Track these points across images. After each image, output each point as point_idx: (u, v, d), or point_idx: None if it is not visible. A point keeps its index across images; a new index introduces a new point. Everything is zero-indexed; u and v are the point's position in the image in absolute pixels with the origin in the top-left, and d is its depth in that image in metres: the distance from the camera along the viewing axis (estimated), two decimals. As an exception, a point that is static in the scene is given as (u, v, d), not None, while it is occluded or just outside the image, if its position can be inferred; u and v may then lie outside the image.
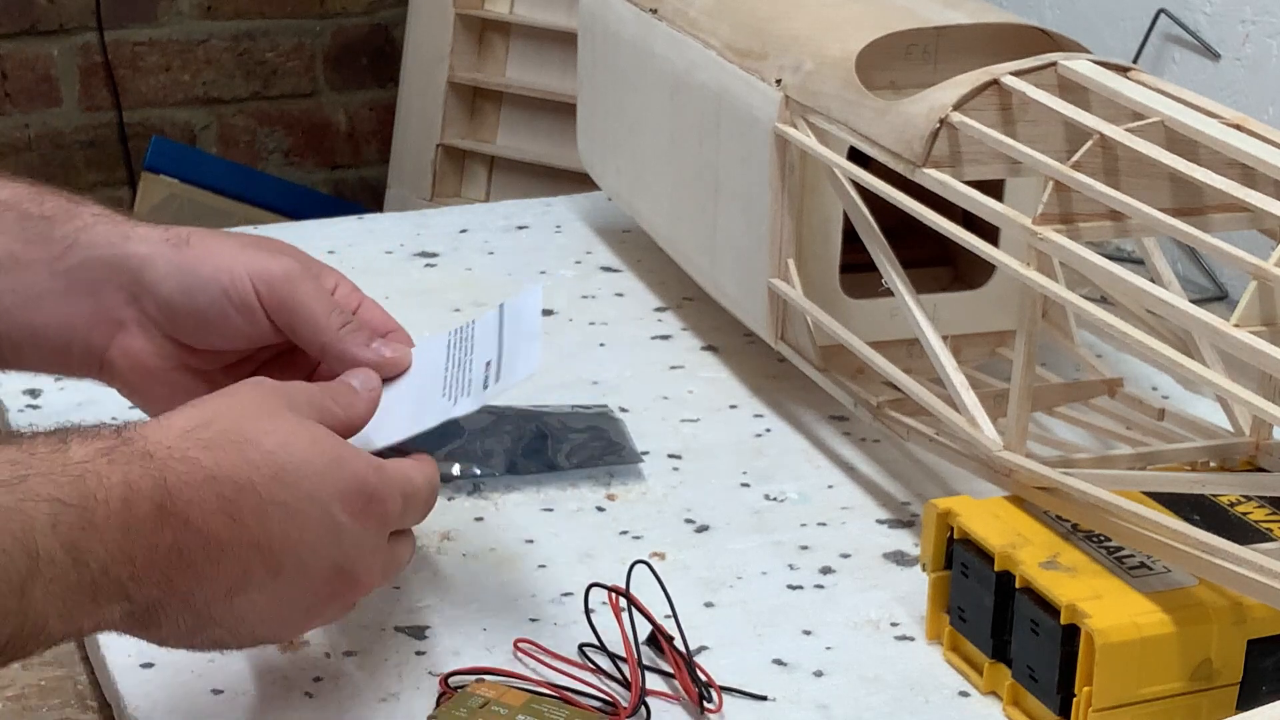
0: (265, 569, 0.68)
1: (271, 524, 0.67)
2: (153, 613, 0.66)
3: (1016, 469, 0.79)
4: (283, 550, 0.68)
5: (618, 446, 0.96)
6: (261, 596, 0.68)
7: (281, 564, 0.68)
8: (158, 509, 0.65)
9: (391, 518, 0.72)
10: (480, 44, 2.31)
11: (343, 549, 0.70)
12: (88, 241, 0.79)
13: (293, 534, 0.68)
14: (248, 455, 0.68)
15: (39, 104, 2.54)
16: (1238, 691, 0.72)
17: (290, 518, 0.68)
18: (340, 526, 0.69)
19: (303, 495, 0.68)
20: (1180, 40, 1.30)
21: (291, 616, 0.71)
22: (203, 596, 0.67)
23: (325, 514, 0.69)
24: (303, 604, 0.70)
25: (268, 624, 0.70)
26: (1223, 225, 0.79)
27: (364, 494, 0.70)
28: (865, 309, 0.98)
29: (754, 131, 0.99)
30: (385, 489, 0.71)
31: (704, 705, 0.74)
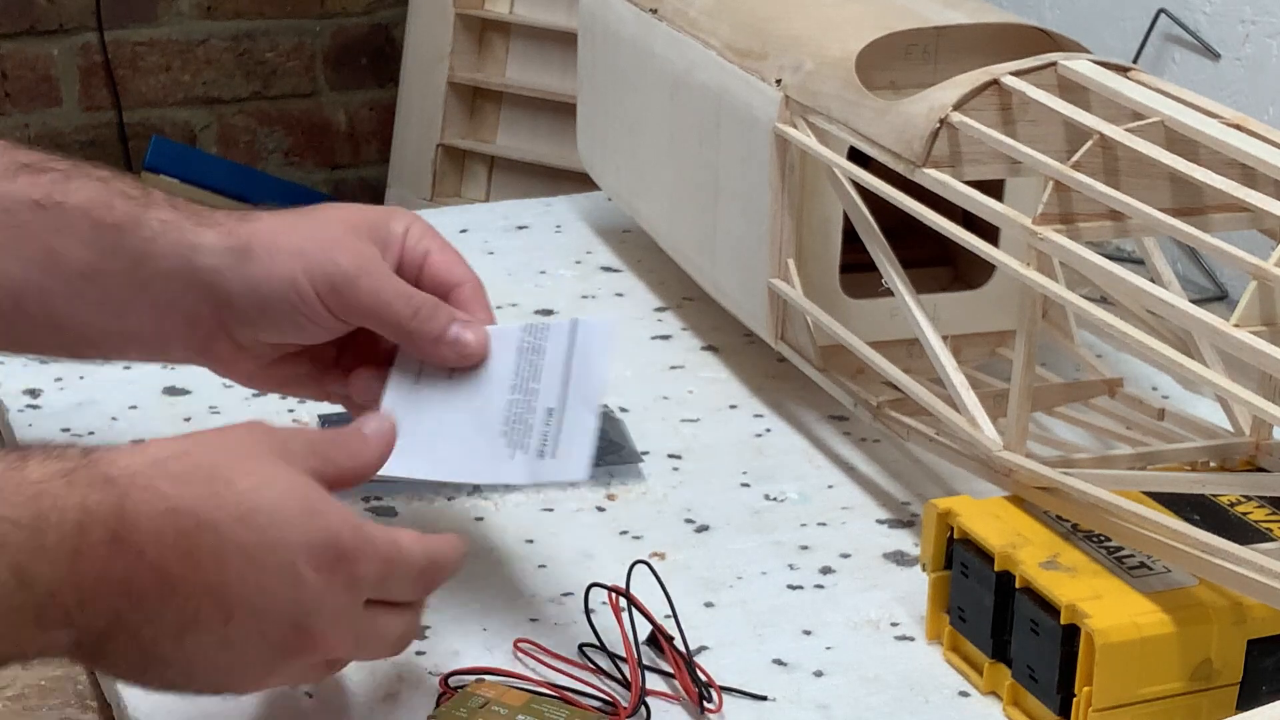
0: (217, 613, 0.65)
1: (228, 567, 0.65)
2: (100, 644, 0.64)
3: (1016, 469, 0.79)
4: (238, 596, 0.65)
5: (618, 446, 0.96)
6: (212, 641, 0.65)
7: (233, 610, 0.65)
8: (111, 536, 0.63)
9: (363, 583, 0.68)
10: (480, 44, 2.31)
11: (301, 605, 0.66)
12: (157, 253, 0.79)
13: (250, 579, 0.65)
14: (216, 491, 0.65)
15: (39, 104, 2.54)
16: (1238, 691, 0.72)
17: (248, 562, 0.65)
18: (301, 580, 0.66)
19: (267, 542, 0.65)
20: (1180, 40, 1.30)
21: (244, 668, 0.67)
22: (150, 634, 0.64)
23: (287, 565, 0.66)
24: (256, 656, 0.67)
25: (220, 671, 0.67)
26: (1223, 225, 0.79)
27: (333, 550, 0.67)
28: (865, 309, 0.98)
29: (754, 131, 0.99)
30: (361, 550, 0.68)
31: (704, 705, 0.74)
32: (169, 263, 0.79)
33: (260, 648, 0.66)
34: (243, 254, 0.79)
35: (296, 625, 0.66)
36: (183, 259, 0.79)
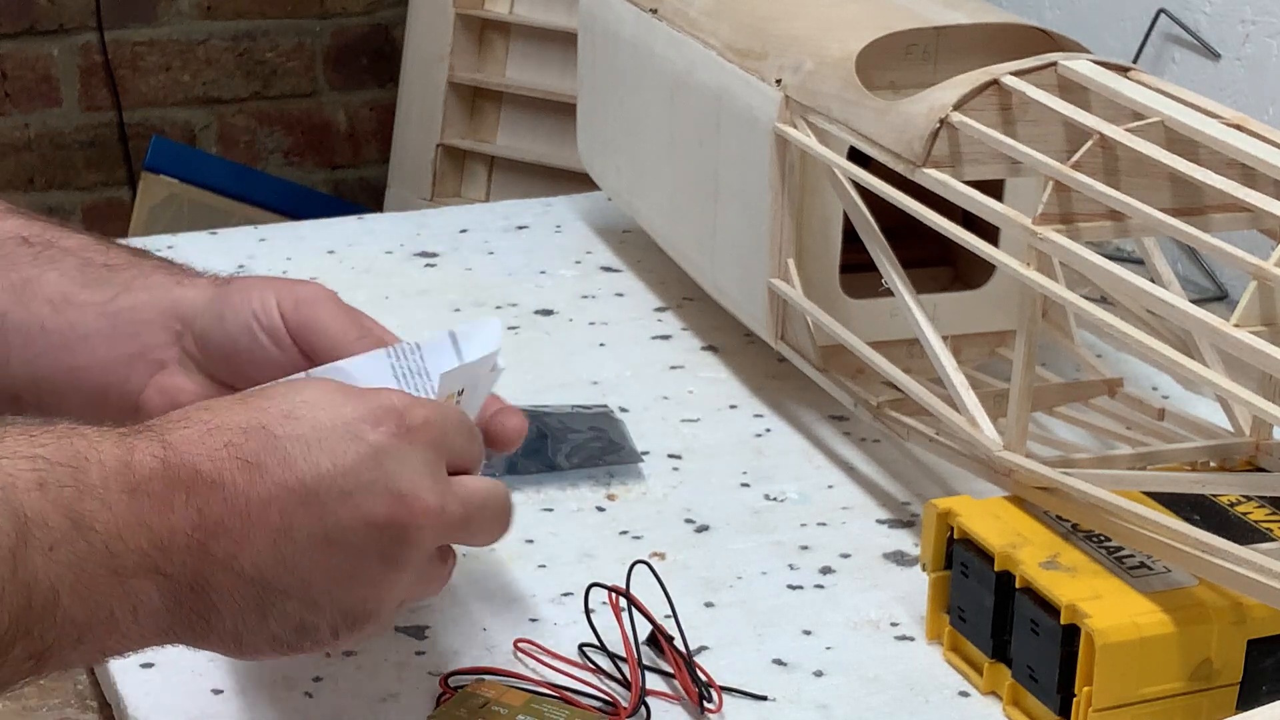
0: (306, 510, 0.61)
1: (295, 460, 0.61)
2: (201, 591, 0.60)
3: (1016, 469, 0.79)
4: (317, 483, 0.61)
5: (618, 446, 0.96)
6: (314, 545, 0.61)
7: (323, 501, 0.61)
8: (161, 464, 0.60)
9: (431, 432, 0.64)
10: (480, 44, 2.31)
11: (386, 469, 0.62)
12: (141, 285, 0.78)
13: (323, 464, 0.62)
14: (254, 403, 0.63)
15: (39, 104, 2.54)
16: (1238, 691, 0.72)
17: (314, 449, 0.62)
18: (377, 446, 0.63)
19: (323, 424, 0.62)
20: (1180, 40, 1.30)
21: (363, 567, 0.63)
22: (250, 559, 0.61)
23: (355, 437, 0.62)
24: (368, 548, 0.63)
25: (340, 583, 0.62)
26: (1223, 225, 0.79)
27: (394, 410, 0.64)
28: (865, 309, 0.98)
29: (754, 131, 0.99)
30: (417, 404, 0.65)
31: (704, 705, 0.74)
32: (148, 293, 0.78)
33: (366, 534, 0.63)
34: (222, 284, 0.78)
35: (390, 490, 0.63)
36: (164, 289, 0.78)
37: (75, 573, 0.58)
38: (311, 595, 0.63)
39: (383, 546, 0.63)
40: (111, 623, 0.59)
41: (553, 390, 1.04)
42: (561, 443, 0.95)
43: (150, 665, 0.77)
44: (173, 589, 0.60)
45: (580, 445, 0.95)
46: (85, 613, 0.58)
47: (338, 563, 0.62)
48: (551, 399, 1.02)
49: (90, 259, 0.79)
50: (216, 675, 0.76)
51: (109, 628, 0.60)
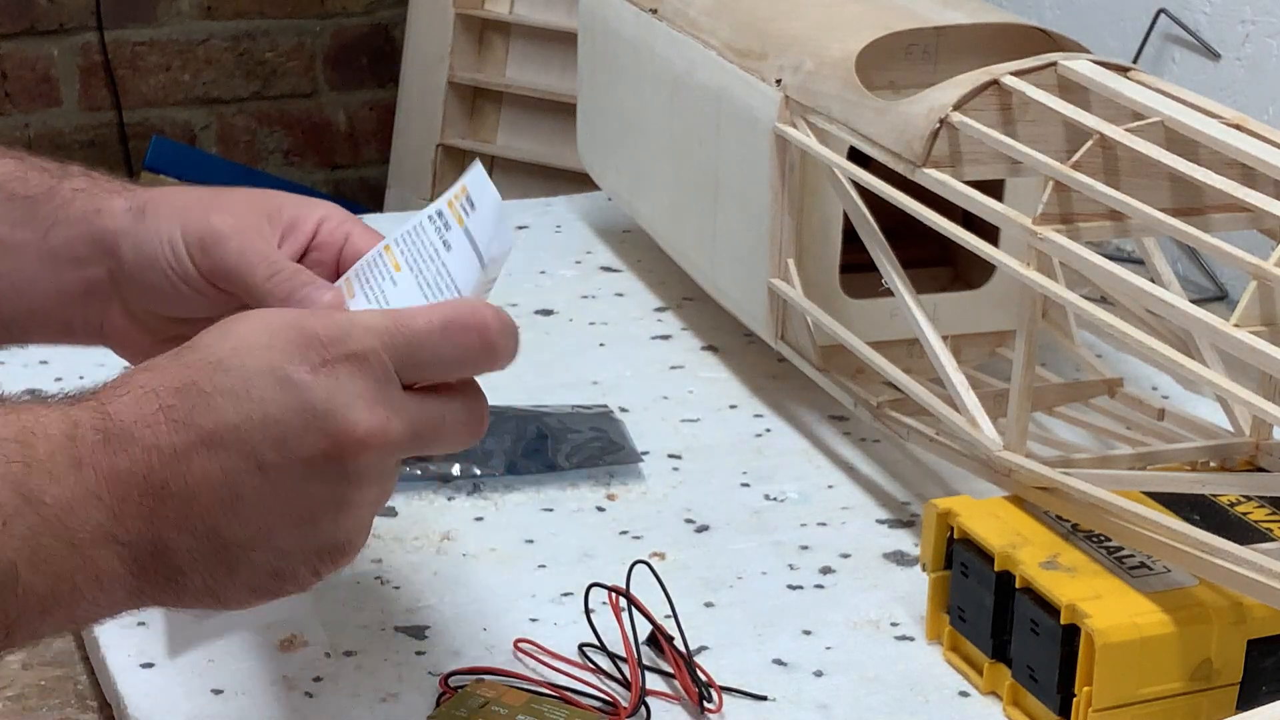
0: (245, 461, 0.61)
1: (225, 412, 0.61)
2: (162, 554, 0.60)
3: (1016, 469, 0.79)
4: (250, 434, 0.61)
5: (618, 446, 0.96)
6: (262, 494, 0.61)
7: (257, 449, 0.61)
8: (103, 437, 0.60)
9: (368, 359, 0.63)
10: (480, 44, 2.31)
11: (314, 407, 0.61)
12: (65, 219, 0.77)
13: (254, 414, 0.61)
14: (183, 358, 0.62)
15: (39, 104, 2.54)
16: (1238, 691, 0.72)
17: (242, 399, 0.61)
18: (302, 385, 0.61)
19: (249, 372, 0.61)
20: (1180, 40, 1.30)
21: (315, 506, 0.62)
22: (201, 518, 0.61)
23: (279, 380, 0.61)
24: (314, 486, 0.62)
25: (299, 525, 0.62)
26: (1223, 225, 0.79)
27: (317, 341, 0.62)
28: (865, 309, 0.98)
29: (754, 131, 0.99)
30: (345, 333, 0.63)
31: (704, 705, 0.74)
32: (76, 228, 0.77)
33: (308, 474, 0.62)
34: (139, 214, 0.76)
35: (324, 429, 0.61)
36: (88, 222, 0.77)
37: (31, 546, 0.58)
38: (275, 543, 0.62)
39: (329, 482, 0.62)
40: (76, 593, 0.60)
41: (553, 390, 1.04)
42: (561, 443, 0.95)
43: (150, 665, 0.77)
44: (133, 555, 0.60)
45: (580, 445, 0.95)
46: (46, 585, 0.58)
47: (290, 506, 0.62)
48: (551, 399, 1.02)
49: (13, 191, 0.78)
50: (216, 675, 0.76)
51: (75, 597, 0.60)
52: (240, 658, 0.77)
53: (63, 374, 1.03)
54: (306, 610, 0.81)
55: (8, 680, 0.79)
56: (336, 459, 0.62)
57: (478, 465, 0.93)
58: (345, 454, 0.62)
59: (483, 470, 0.93)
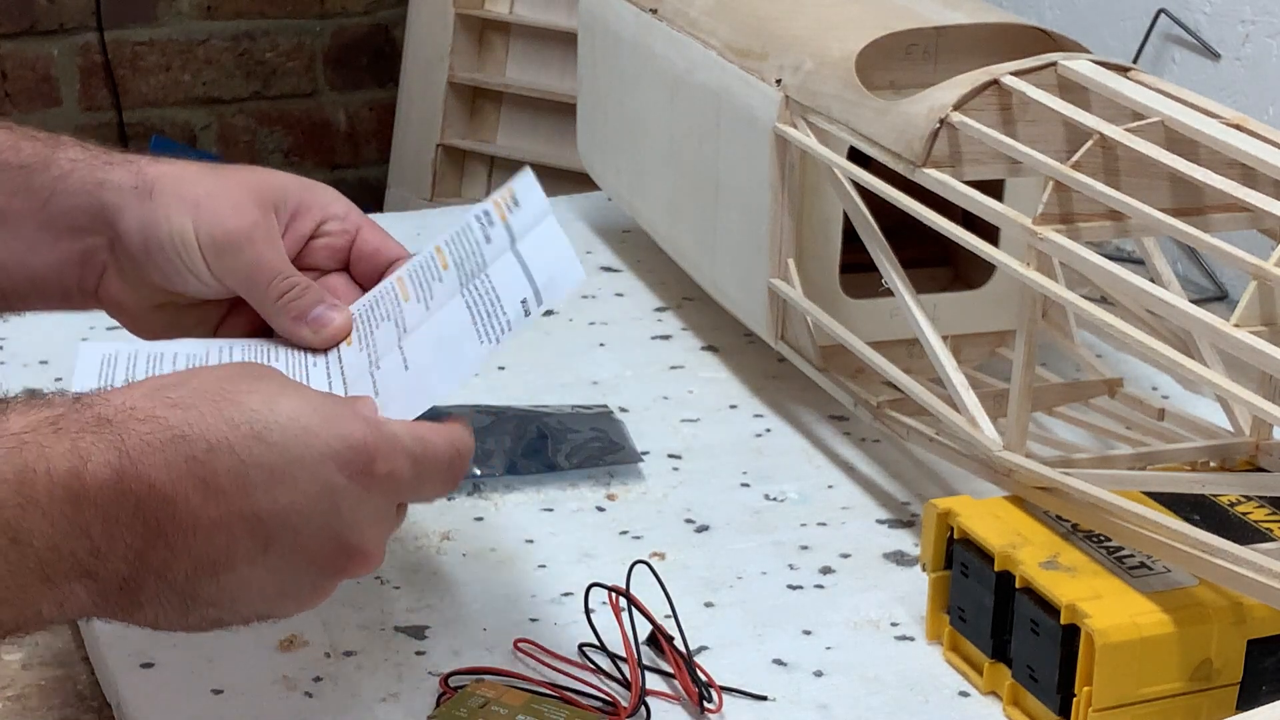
0: (253, 541, 0.61)
1: (255, 491, 0.60)
2: (129, 592, 0.61)
3: (1016, 469, 0.79)
4: (271, 521, 0.61)
5: (618, 446, 0.96)
6: (254, 572, 0.62)
7: (271, 535, 0.61)
8: (115, 475, 0.59)
9: (399, 483, 0.65)
10: (480, 44, 2.31)
11: (340, 516, 0.63)
12: (65, 189, 0.78)
13: (282, 499, 0.61)
14: (224, 412, 0.61)
15: (39, 104, 2.54)
16: (1238, 691, 0.72)
17: (276, 482, 0.61)
18: (336, 490, 0.62)
19: (291, 457, 0.61)
20: (1180, 40, 1.30)
21: (291, 591, 0.64)
22: (182, 572, 0.61)
23: (317, 477, 0.62)
24: (302, 579, 0.63)
25: (267, 600, 0.63)
26: (1223, 225, 0.79)
27: (363, 454, 0.63)
28: (865, 309, 0.98)
29: (754, 131, 0.99)
30: (388, 448, 0.64)
31: (704, 705, 0.74)
32: (76, 199, 0.77)
33: (305, 569, 0.63)
34: (144, 194, 0.77)
35: (338, 538, 0.63)
36: (89, 194, 0.77)
37: (6, 584, 0.58)
38: (235, 607, 0.63)
39: (317, 581, 0.64)
40: (38, 620, 0.60)
41: (553, 390, 1.04)
42: (561, 443, 0.95)
43: (150, 665, 0.77)
44: (101, 589, 0.60)
45: (580, 445, 0.95)
46: (12, 615, 0.59)
47: (269, 586, 0.63)
48: (551, 399, 1.02)
49: (6, 160, 0.78)
50: (216, 675, 0.76)
51: (35, 624, 0.60)
52: (240, 658, 0.77)
53: (63, 374, 1.03)
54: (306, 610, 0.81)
55: (8, 680, 0.79)
56: (337, 570, 0.64)
57: (478, 465, 0.93)
58: (346, 569, 0.64)
59: (483, 470, 0.93)
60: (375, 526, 0.64)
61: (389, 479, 0.64)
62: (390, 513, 0.66)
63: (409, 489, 0.66)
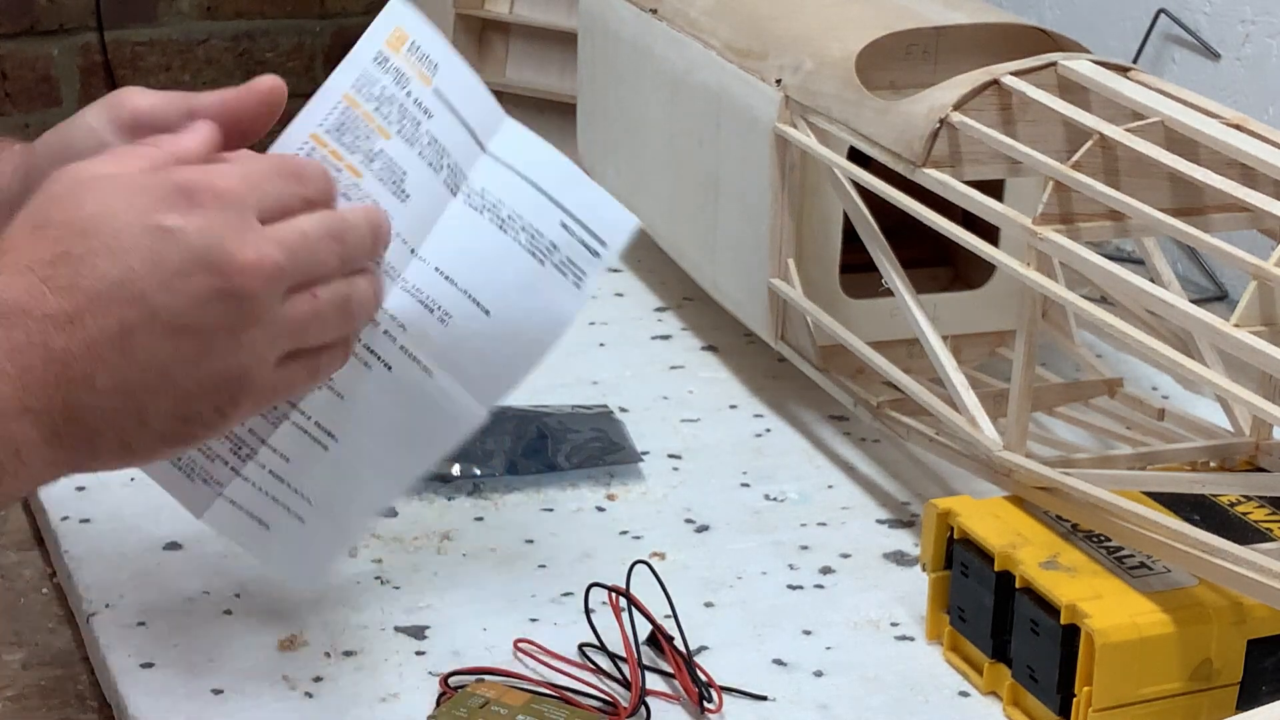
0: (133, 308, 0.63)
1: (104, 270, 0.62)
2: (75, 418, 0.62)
3: (1016, 469, 0.79)
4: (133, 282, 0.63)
5: (618, 446, 0.96)
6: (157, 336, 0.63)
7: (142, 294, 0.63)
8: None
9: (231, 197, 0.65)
10: (480, 44, 2.31)
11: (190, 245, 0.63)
12: None
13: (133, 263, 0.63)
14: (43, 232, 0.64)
15: (39, 104, 2.54)
16: (1238, 691, 0.72)
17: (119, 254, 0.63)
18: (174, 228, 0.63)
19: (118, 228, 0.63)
20: (1180, 40, 1.31)
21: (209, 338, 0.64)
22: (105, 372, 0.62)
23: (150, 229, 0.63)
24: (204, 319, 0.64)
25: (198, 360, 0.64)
26: (1223, 225, 0.79)
27: (182, 189, 0.64)
28: (865, 309, 0.98)
29: (754, 131, 0.99)
30: (204, 177, 0.65)
31: (704, 705, 0.74)
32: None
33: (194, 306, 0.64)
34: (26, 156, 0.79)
35: (206, 266, 0.64)
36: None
37: None
38: (176, 383, 0.64)
39: (216, 314, 0.64)
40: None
41: (553, 390, 1.04)
42: (561, 443, 0.95)
43: (150, 665, 0.77)
44: (49, 423, 0.62)
45: (580, 445, 0.95)
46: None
47: (184, 345, 0.64)
48: (551, 399, 1.02)
49: None
50: (216, 675, 0.76)
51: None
52: (240, 658, 0.77)
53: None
54: (306, 610, 0.81)
55: (8, 680, 0.79)
56: (224, 292, 0.64)
57: (478, 465, 0.93)
58: (231, 285, 0.64)
59: (483, 470, 0.93)
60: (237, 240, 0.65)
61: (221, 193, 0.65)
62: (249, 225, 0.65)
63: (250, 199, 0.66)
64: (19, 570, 0.88)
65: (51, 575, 0.87)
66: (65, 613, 0.84)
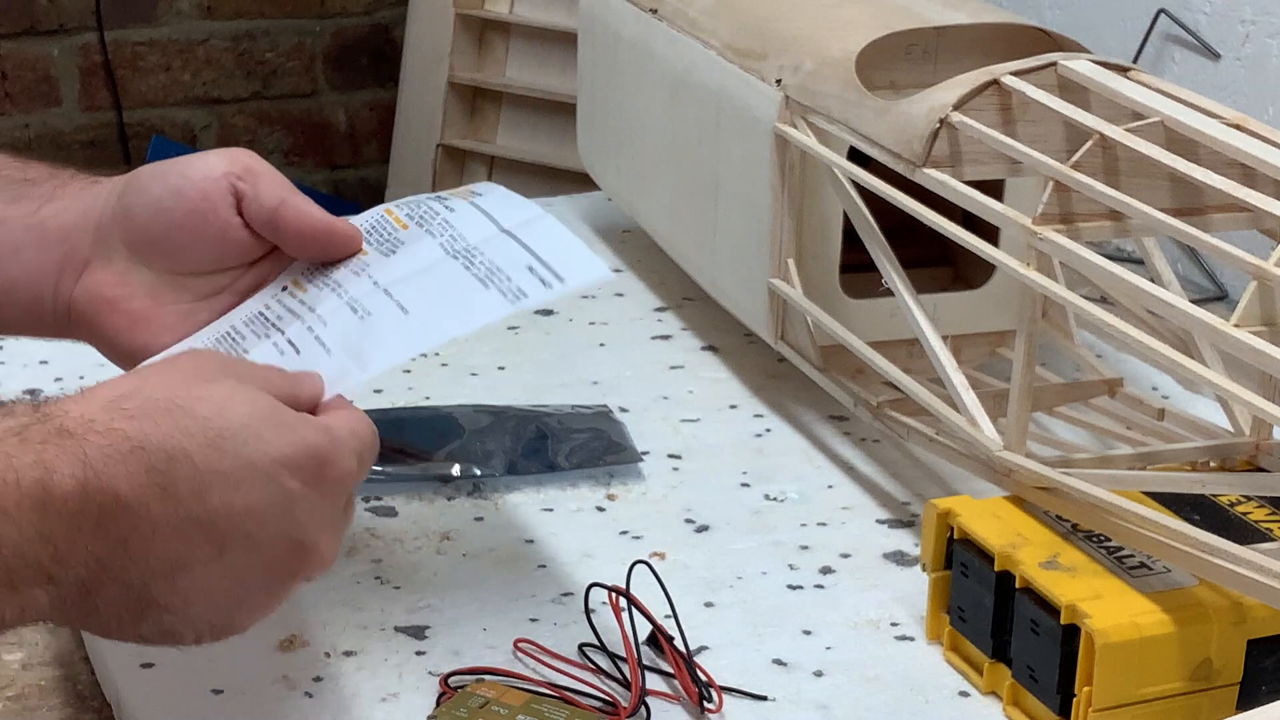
0: (209, 546, 0.63)
1: (211, 496, 0.63)
2: (86, 595, 0.62)
3: (1016, 469, 0.79)
4: (227, 525, 0.63)
5: (618, 446, 0.96)
6: (208, 577, 0.63)
7: (227, 540, 0.63)
8: (79, 486, 0.60)
9: (347, 482, 0.67)
10: (480, 44, 2.31)
11: (296, 520, 0.65)
12: (61, 194, 0.79)
13: (237, 504, 0.63)
14: (179, 422, 0.63)
15: (39, 104, 2.54)
16: (1238, 691, 0.72)
17: (231, 488, 0.63)
18: (289, 495, 0.64)
19: (244, 463, 0.63)
20: (1180, 40, 1.30)
21: (246, 598, 0.65)
22: (139, 576, 0.62)
23: (272, 482, 0.64)
24: (256, 583, 0.65)
25: (220, 608, 0.65)
26: (1223, 225, 0.79)
27: (314, 458, 0.65)
28: (865, 309, 0.98)
29: (754, 131, 0.99)
30: (338, 451, 0.66)
31: (704, 705, 0.74)
32: (69, 200, 0.79)
33: (259, 573, 0.65)
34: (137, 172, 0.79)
35: (293, 541, 0.65)
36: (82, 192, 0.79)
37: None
38: (190, 613, 0.64)
39: (270, 585, 0.66)
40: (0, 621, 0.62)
41: (553, 390, 1.04)
42: (561, 443, 0.95)
43: (150, 665, 0.77)
44: (61, 594, 0.62)
45: (580, 445, 0.95)
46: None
47: (224, 592, 0.65)
48: (551, 399, 1.02)
49: (9, 175, 0.80)
50: (216, 675, 0.76)
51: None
52: (240, 658, 0.77)
53: (63, 374, 1.03)
54: (306, 610, 0.81)
55: (8, 680, 0.79)
56: (291, 572, 0.66)
57: (478, 465, 0.93)
58: (299, 571, 0.66)
59: (483, 470, 0.93)
60: (327, 526, 0.67)
61: (339, 481, 0.67)
62: (340, 512, 0.68)
63: (351, 485, 0.68)
64: (19, 570, 0.88)
65: (51, 575, 0.87)
66: (65, 613, 0.84)
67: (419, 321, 0.75)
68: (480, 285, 0.75)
